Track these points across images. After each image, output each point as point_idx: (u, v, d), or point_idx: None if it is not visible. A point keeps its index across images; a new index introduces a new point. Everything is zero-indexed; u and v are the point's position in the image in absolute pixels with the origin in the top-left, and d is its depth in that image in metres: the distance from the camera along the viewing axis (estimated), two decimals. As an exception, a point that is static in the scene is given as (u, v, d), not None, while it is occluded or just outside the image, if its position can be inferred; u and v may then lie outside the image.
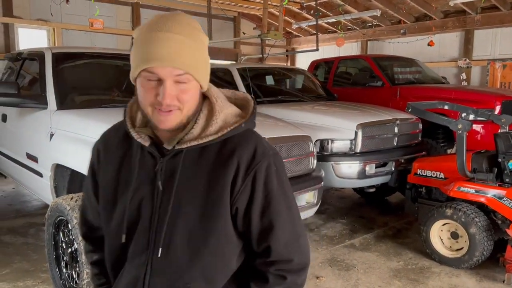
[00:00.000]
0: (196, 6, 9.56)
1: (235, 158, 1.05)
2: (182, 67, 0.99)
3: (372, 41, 10.41)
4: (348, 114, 4.55)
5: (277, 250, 1.08)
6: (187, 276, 1.06)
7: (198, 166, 1.06)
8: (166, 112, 1.01)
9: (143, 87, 1.01)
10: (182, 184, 1.05)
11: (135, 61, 1.01)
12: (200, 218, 1.05)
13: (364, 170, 4.15)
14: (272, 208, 1.08)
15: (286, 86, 6.33)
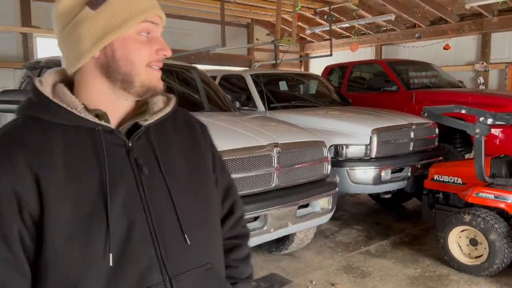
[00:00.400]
0: (209, 14, 9.65)
1: (194, 125, 1.04)
2: (164, 18, 0.93)
3: (386, 46, 10.32)
4: (362, 119, 4.51)
5: (239, 204, 1.13)
6: (205, 256, 0.96)
7: (167, 140, 0.97)
8: (158, 70, 0.91)
9: (138, 42, 0.87)
10: (164, 162, 0.93)
11: (128, 12, 0.85)
12: (193, 188, 0.97)
13: (380, 175, 4.10)
14: (225, 166, 1.13)
15: (299, 92, 6.32)
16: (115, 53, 0.86)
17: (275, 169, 2.84)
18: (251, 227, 2.74)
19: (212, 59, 9.77)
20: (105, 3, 0.84)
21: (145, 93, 0.90)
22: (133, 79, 0.88)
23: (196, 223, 0.95)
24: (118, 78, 0.88)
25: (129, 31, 0.86)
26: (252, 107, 5.18)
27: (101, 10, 0.84)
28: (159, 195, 0.90)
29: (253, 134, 2.94)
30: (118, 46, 0.86)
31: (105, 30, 0.84)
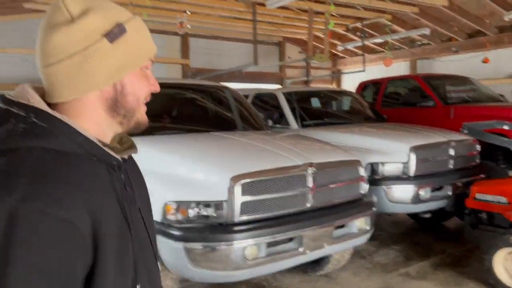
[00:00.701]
0: (241, 33, 9.82)
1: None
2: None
3: (421, 60, 10.12)
4: (400, 136, 4.41)
5: None
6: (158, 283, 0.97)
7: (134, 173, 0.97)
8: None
9: (142, 78, 0.86)
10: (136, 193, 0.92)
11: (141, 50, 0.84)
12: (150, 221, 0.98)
13: (419, 194, 3.98)
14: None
15: (333, 109, 6.28)
16: (125, 88, 0.84)
17: (310, 189, 2.81)
18: (287, 248, 2.71)
19: (244, 77, 9.90)
20: (123, 37, 0.80)
21: (135, 128, 0.89)
22: (134, 115, 0.86)
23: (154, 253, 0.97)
24: (121, 113, 0.85)
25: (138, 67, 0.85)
26: (285, 125, 5.18)
27: (118, 44, 0.80)
28: (141, 228, 0.90)
29: (287, 154, 2.94)
30: (127, 82, 0.84)
31: (121, 64, 0.82)
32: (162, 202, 2.55)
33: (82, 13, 0.78)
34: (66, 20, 0.78)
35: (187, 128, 3.85)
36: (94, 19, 0.78)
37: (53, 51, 0.78)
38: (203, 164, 2.78)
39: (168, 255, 2.56)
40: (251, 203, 2.58)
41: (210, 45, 10.15)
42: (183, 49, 9.74)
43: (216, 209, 2.54)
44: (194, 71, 9.54)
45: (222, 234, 2.48)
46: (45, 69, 0.80)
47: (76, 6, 0.78)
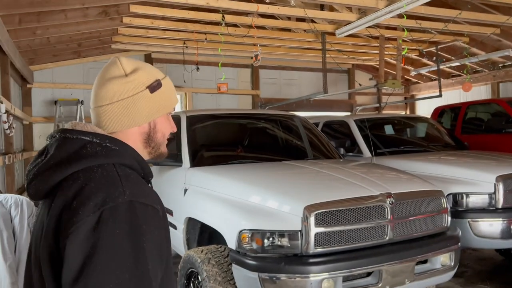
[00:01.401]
0: (310, 63, 9.90)
1: None
2: None
3: (504, 83, 9.44)
4: (484, 165, 4.10)
5: None
6: None
7: None
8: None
9: (167, 122, 1.16)
10: None
11: (169, 99, 1.15)
12: None
13: (510, 228, 3.63)
14: None
15: (407, 136, 6.02)
16: (156, 126, 1.13)
17: (388, 221, 2.68)
18: (364, 283, 2.59)
19: (313, 105, 9.91)
20: (159, 90, 1.11)
21: (158, 157, 1.17)
22: (160, 147, 1.15)
23: None
24: (152, 145, 1.14)
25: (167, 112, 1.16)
26: (357, 153, 5.06)
27: (156, 94, 1.11)
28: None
29: (362, 183, 2.85)
30: (159, 122, 1.14)
31: (157, 109, 1.11)
32: (238, 230, 2.58)
33: (133, 71, 1.09)
34: (121, 75, 1.08)
35: (259, 157, 3.90)
36: (141, 75, 1.09)
37: (108, 95, 1.06)
38: (276, 193, 2.78)
39: (244, 283, 2.57)
40: (326, 234, 2.52)
41: (280, 75, 10.35)
42: (254, 80, 10.03)
43: (290, 239, 2.51)
44: (264, 101, 9.75)
45: (297, 266, 2.44)
46: (99, 109, 1.08)
47: (129, 65, 1.09)
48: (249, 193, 2.86)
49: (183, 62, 8.32)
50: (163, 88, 1.13)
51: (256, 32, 7.09)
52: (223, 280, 2.69)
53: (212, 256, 2.77)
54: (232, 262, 2.63)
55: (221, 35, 6.93)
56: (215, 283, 2.66)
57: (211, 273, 2.67)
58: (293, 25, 7.31)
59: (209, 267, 2.70)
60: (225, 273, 2.71)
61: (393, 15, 5.71)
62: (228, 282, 2.69)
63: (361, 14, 6.30)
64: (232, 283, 2.67)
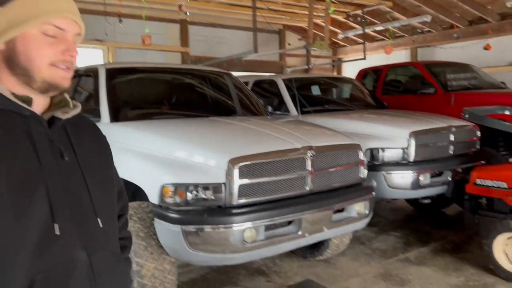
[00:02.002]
0: (241, 21, 9.72)
1: (97, 128, 1.17)
2: (81, 24, 1.01)
3: (422, 48, 10.04)
4: (399, 122, 4.38)
5: (127, 207, 1.26)
6: (114, 243, 1.10)
7: (80, 136, 1.07)
8: (65, 69, 0.98)
9: (41, 42, 0.95)
10: (78, 152, 1.03)
11: (30, 12, 0.93)
12: (102, 183, 1.07)
13: (418, 180, 3.96)
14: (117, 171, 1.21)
15: (333, 96, 6.23)
16: (16, 48, 0.94)
17: (309, 172, 2.78)
18: (285, 231, 2.69)
19: (245, 66, 9.83)
20: (11, 2, 0.93)
21: (47, 89, 0.98)
22: (33, 75, 0.95)
23: (106, 211, 1.06)
24: (19, 72, 0.96)
25: (31, 30, 0.94)
26: (285, 111, 5.15)
27: (6, 8, 0.93)
28: (76, 181, 1.00)
29: (286, 137, 2.91)
30: (19, 43, 0.94)
31: (7, 26, 0.94)
32: (160, 184, 2.52)
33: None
34: None
35: (186, 113, 3.82)
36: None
37: None
38: (201, 147, 2.75)
39: (166, 238, 2.55)
40: (249, 186, 2.56)
41: (210, 32, 10.06)
42: (183, 37, 9.66)
43: (214, 192, 2.52)
44: (194, 59, 9.47)
45: (220, 217, 2.47)
46: None
47: None
48: (172, 148, 2.79)
49: (105, 14, 7.74)
50: (20, 1, 0.94)
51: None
52: (146, 236, 2.65)
53: (134, 212, 2.70)
54: (154, 217, 2.59)
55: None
56: (138, 239, 2.62)
57: (133, 229, 2.61)
58: (222, -20, 7.08)
59: (131, 223, 2.63)
60: (147, 228, 2.67)
61: (322, -27, 5.72)
62: (151, 237, 2.66)
63: (291, -29, 6.23)
64: (155, 238, 2.64)
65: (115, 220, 1.13)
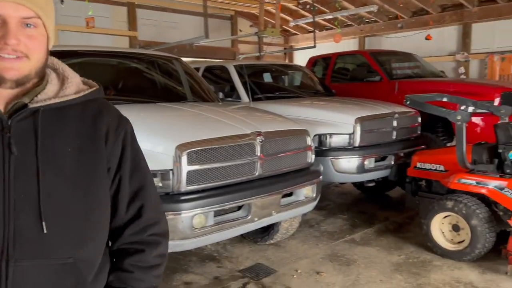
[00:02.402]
0: (192, 5, 9.53)
1: (104, 118, 1.01)
2: (30, 5, 0.90)
3: (369, 37, 10.37)
4: (346, 109, 4.52)
5: (149, 209, 1.07)
6: (68, 250, 0.93)
7: (60, 127, 0.96)
8: (12, 58, 0.89)
9: None
10: (45, 146, 0.92)
11: None
12: (76, 180, 0.94)
13: (363, 164, 4.12)
14: (141, 167, 1.08)
15: (284, 83, 6.30)
16: None
17: (258, 158, 2.81)
18: (235, 216, 2.72)
19: (196, 52, 9.69)
20: None
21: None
22: None
23: (67, 214, 0.92)
24: None
25: None
26: (236, 98, 5.14)
27: None
28: (25, 177, 0.90)
29: (236, 123, 2.91)
30: None
31: None
32: (105, 172, 2.45)
33: None
34: None
35: (133, 99, 3.71)
36: None
37: None
38: (148, 133, 2.69)
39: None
40: (198, 172, 2.55)
41: (160, 17, 9.79)
42: (130, 20, 9.32)
43: (162, 179, 2.49)
44: (142, 44, 9.19)
45: (169, 204, 2.44)
46: None
47: None
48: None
49: (45, -6, 7.29)
50: None
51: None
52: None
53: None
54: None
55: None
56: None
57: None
58: (172, -38, 6.88)
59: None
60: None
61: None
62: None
63: (241, -44, 6.18)
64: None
65: (94, 224, 0.97)
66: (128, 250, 1.05)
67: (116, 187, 1.03)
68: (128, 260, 1.04)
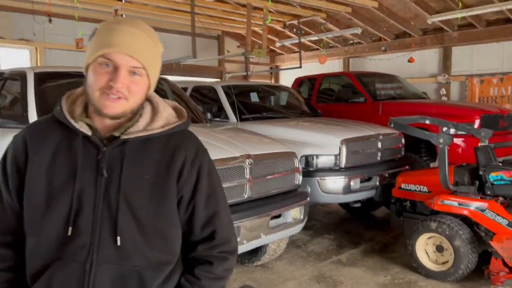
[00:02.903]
0: (180, 25, 9.63)
1: (182, 150, 1.17)
2: (139, 58, 1.09)
3: (354, 58, 10.61)
4: (332, 130, 4.60)
5: (221, 232, 1.22)
6: (137, 259, 1.11)
7: (143, 156, 1.14)
8: (114, 99, 1.08)
9: (96, 72, 1.08)
10: (128, 171, 1.11)
11: (93, 47, 1.09)
12: (149, 203, 1.12)
13: (349, 185, 4.19)
14: (216, 195, 1.23)
15: (270, 103, 6.38)
16: (88, 74, 1.12)
17: (247, 180, 2.85)
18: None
19: (183, 70, 9.74)
20: (93, 37, 1.11)
21: (99, 112, 1.11)
22: (90, 98, 1.11)
23: (139, 231, 1.11)
24: (87, 95, 1.12)
25: (93, 60, 1.09)
26: (224, 118, 5.19)
27: (90, 42, 1.12)
28: (109, 197, 1.10)
29: (225, 146, 2.95)
30: (89, 69, 1.11)
31: (86, 57, 1.12)
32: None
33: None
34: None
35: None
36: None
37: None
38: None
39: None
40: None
41: (147, 36, 9.86)
42: (118, 39, 9.36)
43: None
44: (130, 63, 9.20)
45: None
46: None
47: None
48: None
49: (32, 12, 7.30)
50: (96, 35, 1.10)
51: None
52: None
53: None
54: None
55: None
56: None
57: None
58: (160, -17, 6.98)
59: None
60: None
61: (259, -16, 5.87)
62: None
63: (229, -20, 6.32)
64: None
65: (166, 243, 1.15)
66: (199, 260, 1.21)
67: (191, 213, 1.19)
68: (197, 269, 1.20)
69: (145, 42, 1.10)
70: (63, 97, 1.18)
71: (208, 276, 1.19)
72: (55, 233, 1.09)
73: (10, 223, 1.16)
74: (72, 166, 1.10)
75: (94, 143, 1.12)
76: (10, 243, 1.16)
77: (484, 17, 7.99)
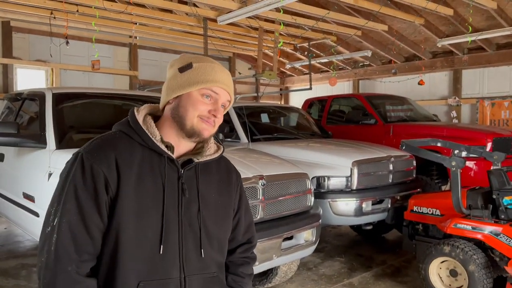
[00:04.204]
0: (193, 48, 9.83)
1: (233, 172, 1.42)
2: (231, 95, 1.31)
3: (363, 80, 10.68)
4: (343, 151, 4.61)
5: (255, 237, 1.51)
6: (213, 267, 1.32)
7: (208, 177, 1.33)
8: (211, 124, 1.26)
9: (198, 100, 1.25)
10: (201, 191, 1.29)
11: (194, 79, 1.25)
12: (216, 217, 1.32)
13: (361, 207, 4.17)
14: (249, 207, 1.50)
15: (281, 124, 6.43)
16: (180, 102, 1.26)
17: (260, 201, 2.86)
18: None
19: (194, 91, 9.86)
20: (189, 70, 1.26)
21: (192, 135, 1.26)
22: (185, 122, 1.25)
23: (212, 242, 1.31)
24: (177, 119, 1.26)
25: (193, 92, 1.25)
26: (235, 138, 5.24)
27: (185, 74, 1.26)
28: (190, 214, 1.25)
29: (238, 166, 2.96)
30: (184, 98, 1.26)
31: (180, 86, 1.26)
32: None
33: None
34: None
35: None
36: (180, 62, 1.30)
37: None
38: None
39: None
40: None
41: (161, 57, 10.06)
42: (132, 60, 9.57)
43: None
44: (142, 83, 9.39)
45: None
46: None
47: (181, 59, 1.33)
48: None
49: (50, 34, 7.52)
50: (194, 69, 1.26)
51: (134, 10, 6.77)
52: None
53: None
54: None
55: (96, 8, 6.45)
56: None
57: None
58: (174, 7, 7.16)
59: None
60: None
61: (271, 8, 6.00)
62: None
63: (242, 4, 6.47)
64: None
65: (224, 249, 1.37)
66: (238, 262, 1.45)
67: (237, 222, 1.42)
68: (240, 269, 1.44)
69: (232, 81, 1.33)
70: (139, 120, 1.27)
71: (247, 273, 1.45)
72: (148, 252, 1.19)
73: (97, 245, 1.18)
74: (158, 187, 1.21)
75: (175, 165, 1.25)
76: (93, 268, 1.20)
77: (494, 40, 8.04)
